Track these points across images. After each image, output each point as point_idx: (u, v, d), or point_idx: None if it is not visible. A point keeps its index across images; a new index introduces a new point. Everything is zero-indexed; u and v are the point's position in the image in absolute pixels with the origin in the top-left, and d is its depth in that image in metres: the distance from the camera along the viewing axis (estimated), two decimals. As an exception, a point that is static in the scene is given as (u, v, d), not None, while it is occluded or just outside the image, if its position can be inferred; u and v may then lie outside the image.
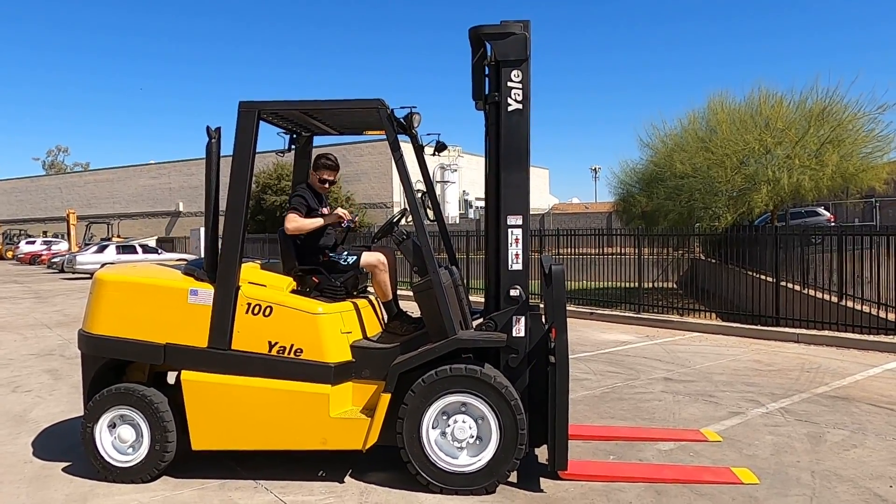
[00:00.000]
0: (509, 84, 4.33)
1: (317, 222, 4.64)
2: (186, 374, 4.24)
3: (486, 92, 4.52)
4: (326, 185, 4.85)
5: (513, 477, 4.22)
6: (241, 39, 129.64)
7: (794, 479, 4.28)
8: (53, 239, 41.24)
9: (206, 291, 4.27)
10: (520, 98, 4.34)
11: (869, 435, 5.19)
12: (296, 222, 4.57)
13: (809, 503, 3.92)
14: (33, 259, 35.84)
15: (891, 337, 8.89)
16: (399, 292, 5.01)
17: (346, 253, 4.75)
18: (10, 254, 41.30)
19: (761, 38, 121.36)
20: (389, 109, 4.28)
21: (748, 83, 21.14)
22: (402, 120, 4.53)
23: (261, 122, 4.39)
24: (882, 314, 9.32)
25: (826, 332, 9.51)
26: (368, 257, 4.70)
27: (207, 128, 4.32)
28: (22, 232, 47.95)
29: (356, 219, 4.58)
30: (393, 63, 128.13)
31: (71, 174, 61.79)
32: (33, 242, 39.95)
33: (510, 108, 4.34)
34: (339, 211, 4.80)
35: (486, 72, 4.51)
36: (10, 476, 4.47)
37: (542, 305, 4.62)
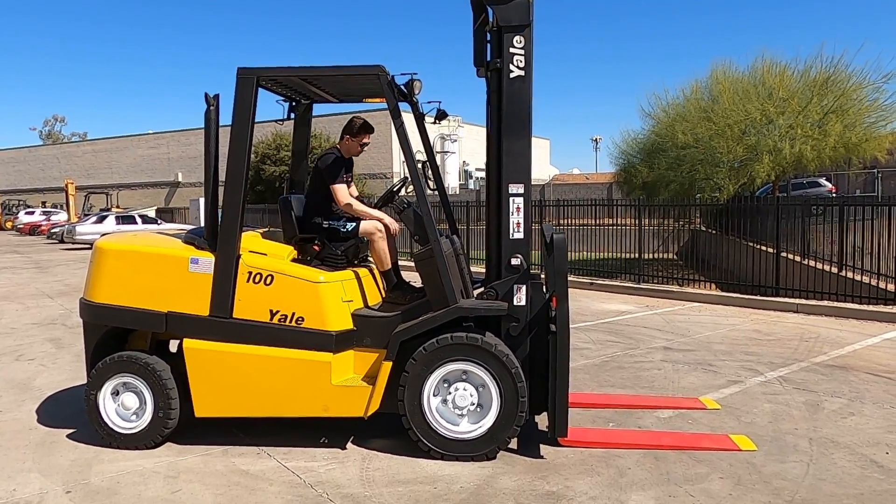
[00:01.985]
0: (511, 50, 4.26)
1: (373, 213, 4.69)
2: (188, 343, 4.25)
3: (488, 58, 4.46)
4: (365, 149, 4.87)
5: (513, 443, 4.27)
6: (240, 7, 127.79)
7: (792, 446, 4.33)
8: (52, 209, 41.14)
9: (207, 260, 4.27)
10: (522, 64, 4.28)
11: (866, 403, 5.24)
12: (348, 200, 4.63)
13: (807, 469, 3.97)
14: (33, 229, 35.80)
15: (890, 307, 8.92)
16: (400, 262, 5.01)
17: (344, 219, 4.73)
18: (9, 224, 41.26)
19: (766, 7, 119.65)
20: (390, 76, 4.23)
21: (752, 53, 20.90)
22: (402, 87, 4.47)
23: (260, 88, 4.34)
24: (881, 285, 9.34)
25: (826, 303, 9.54)
26: (366, 224, 4.67)
27: (206, 95, 4.27)
28: (21, 202, 47.82)
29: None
30: (392, 31, 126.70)
31: (69, 144, 61.35)
32: (32, 213, 39.86)
33: (512, 75, 4.29)
34: (390, 222, 4.73)
35: (488, 38, 4.45)
36: (16, 442, 4.51)
37: (542, 275, 4.62)
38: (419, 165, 4.40)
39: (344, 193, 4.66)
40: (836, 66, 13.20)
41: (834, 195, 21.60)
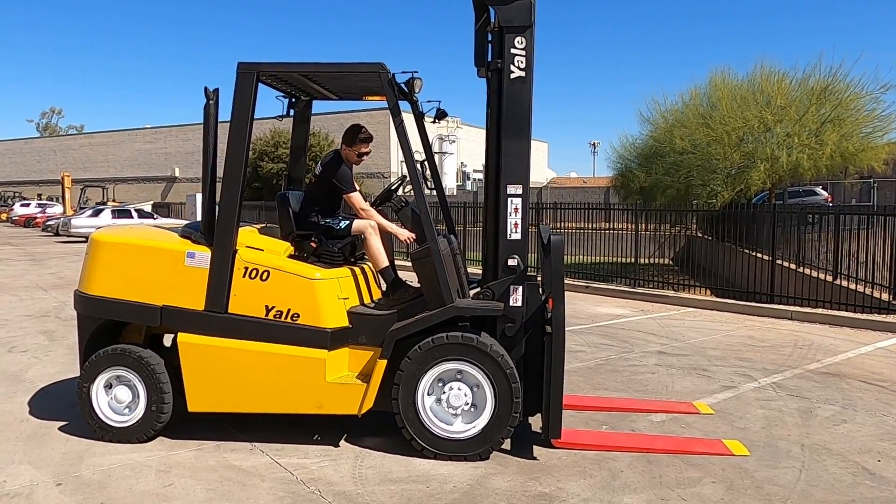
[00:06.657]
0: (512, 51, 4.27)
1: (386, 225, 4.73)
2: (183, 337, 4.24)
3: (489, 59, 4.46)
4: (364, 159, 4.85)
5: (506, 444, 4.27)
6: (241, 2, 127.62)
7: (784, 452, 4.34)
8: (48, 202, 41.00)
9: (203, 254, 4.26)
10: (523, 65, 4.28)
11: (859, 411, 5.25)
12: (364, 206, 4.68)
13: (798, 475, 3.98)
14: (28, 222, 35.68)
15: (883, 316, 8.94)
16: (397, 261, 5.00)
17: (339, 218, 4.74)
18: (4, 216, 41.08)
19: (767, 15, 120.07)
20: (390, 74, 4.23)
21: (751, 60, 20.96)
22: (402, 85, 4.48)
23: (260, 84, 4.33)
24: (875, 293, 9.37)
25: (820, 311, 9.56)
26: (359, 222, 4.67)
27: (205, 89, 4.26)
28: (16, 194, 47.64)
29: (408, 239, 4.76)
30: (393, 29, 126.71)
31: (66, 137, 61.11)
32: (28, 205, 39.71)
33: (513, 76, 4.29)
34: (405, 234, 4.74)
35: (490, 38, 4.45)
36: (6, 434, 4.49)
37: (539, 276, 4.62)
38: (418, 165, 4.40)
39: (360, 201, 4.68)
40: (834, 76, 13.25)
41: (830, 204, 21.67)
